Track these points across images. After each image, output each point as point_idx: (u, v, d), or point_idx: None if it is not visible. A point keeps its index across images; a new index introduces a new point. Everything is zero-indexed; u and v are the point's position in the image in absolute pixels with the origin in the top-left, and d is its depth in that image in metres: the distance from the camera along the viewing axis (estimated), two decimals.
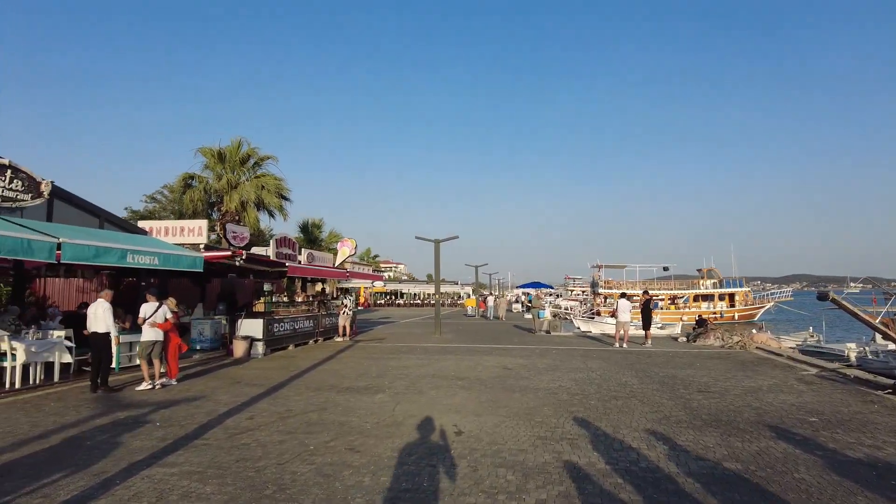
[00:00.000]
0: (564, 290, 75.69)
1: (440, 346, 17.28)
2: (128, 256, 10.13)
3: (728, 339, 17.96)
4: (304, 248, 20.83)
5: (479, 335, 22.01)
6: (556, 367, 12.60)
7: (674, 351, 16.28)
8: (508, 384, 10.18)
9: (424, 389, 9.61)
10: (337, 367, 12.68)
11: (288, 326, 16.43)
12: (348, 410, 7.97)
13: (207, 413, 7.80)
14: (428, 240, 22.06)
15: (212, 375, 11.43)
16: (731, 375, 11.34)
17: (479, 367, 12.40)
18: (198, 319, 15.75)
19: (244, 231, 16.67)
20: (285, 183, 27.14)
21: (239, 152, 26.31)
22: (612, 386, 10.12)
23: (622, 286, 52.00)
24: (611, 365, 13.01)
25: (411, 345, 17.90)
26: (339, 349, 16.45)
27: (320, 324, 18.81)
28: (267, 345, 15.05)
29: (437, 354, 15.05)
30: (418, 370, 12.00)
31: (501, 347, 17.06)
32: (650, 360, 14.08)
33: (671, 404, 8.45)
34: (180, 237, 14.72)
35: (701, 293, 49.81)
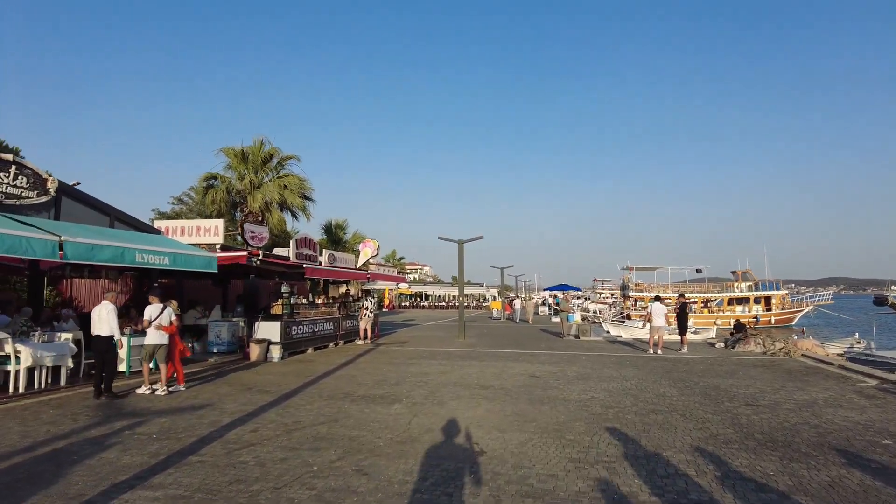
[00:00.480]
0: (593, 292, 74.28)
1: (464, 351, 16.57)
2: (136, 256, 9.72)
3: (770, 346, 16.85)
4: (326, 249, 20.37)
5: (505, 339, 21.25)
6: (588, 375, 11.79)
7: (712, 358, 15.29)
8: (536, 395, 9.43)
9: (445, 400, 8.93)
10: (354, 372, 12.08)
11: (306, 329, 15.92)
12: (361, 423, 7.33)
13: (210, 424, 7.24)
14: (451, 240, 21.40)
15: (223, 381, 10.93)
16: (780, 386, 10.38)
17: (505, 375, 11.66)
18: (215, 322, 15.35)
19: (263, 231, 16.22)
20: (308, 183, 26.83)
21: (261, 152, 26.05)
22: (649, 397, 9.29)
23: (653, 289, 50.57)
24: (646, 373, 12.15)
25: (434, 349, 17.24)
26: (359, 353, 15.88)
27: (341, 326, 18.29)
28: (284, 348, 14.56)
29: (460, 360, 14.35)
30: (439, 377, 11.32)
31: (528, 353, 16.28)
32: (688, 367, 13.15)
33: (717, 420, 7.61)
34: (196, 237, 14.31)
35: (735, 296, 48.07)
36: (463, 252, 21.01)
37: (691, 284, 52.41)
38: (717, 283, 51.23)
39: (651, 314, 17.22)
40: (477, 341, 20.12)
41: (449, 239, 21.46)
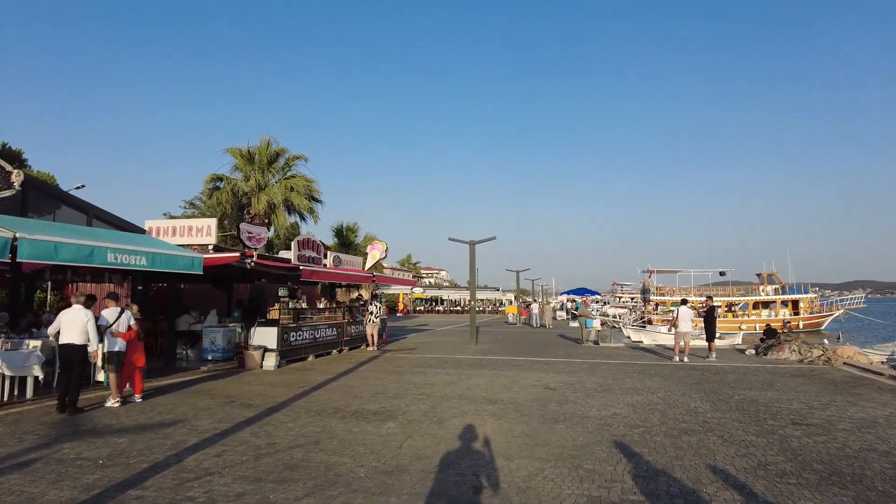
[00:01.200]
0: (612, 296, 72.60)
1: (474, 359, 15.51)
2: (108, 255, 8.84)
3: (807, 353, 15.52)
4: (331, 252, 19.48)
5: (519, 346, 20.13)
6: (608, 386, 10.66)
7: (744, 366, 14.03)
8: (550, 411, 8.34)
9: (446, 417, 7.88)
10: (353, 382, 11.09)
11: (307, 335, 14.98)
12: (344, 446, 6.33)
13: (172, 446, 6.29)
14: (462, 241, 20.38)
15: (208, 392, 10.00)
16: (828, 401, 9.16)
17: (516, 387, 10.58)
18: (210, 328, 14.49)
19: (261, 232, 15.37)
20: (316, 185, 26.01)
21: (267, 152, 25.30)
22: (679, 414, 8.16)
23: (675, 292, 49.01)
24: (673, 384, 10.98)
25: (442, 356, 16.21)
26: (362, 361, 14.90)
27: (346, 332, 17.34)
28: (281, 355, 13.64)
29: (469, 369, 13.29)
30: (444, 389, 10.28)
31: (543, 361, 15.16)
32: (719, 377, 11.95)
33: (762, 443, 6.46)
34: (188, 237, 13.49)
35: (761, 300, 46.30)
36: (475, 253, 19.97)
37: (714, 288, 50.70)
38: (741, 287, 49.48)
39: (677, 318, 15.98)
40: (489, 348, 19.04)
41: (460, 240, 20.45)
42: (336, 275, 15.48)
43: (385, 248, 22.13)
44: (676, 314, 16.11)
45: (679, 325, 15.86)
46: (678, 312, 16.04)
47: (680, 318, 15.90)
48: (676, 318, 16.02)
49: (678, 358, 15.36)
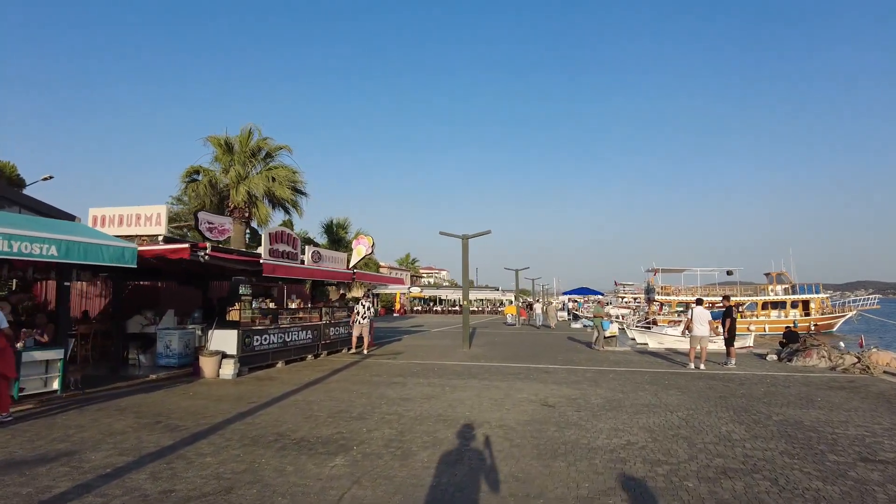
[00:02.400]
0: (615, 296, 70.81)
1: (463, 366, 13.79)
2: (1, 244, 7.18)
3: (838, 359, 13.81)
4: (311, 247, 17.81)
5: (516, 350, 18.40)
6: (618, 402, 8.95)
7: (769, 375, 12.31)
8: (547, 439, 6.63)
9: (413, 449, 6.17)
10: (315, 397, 9.39)
11: (274, 339, 13.28)
12: (263, 497, 4.63)
13: (24, 499, 4.60)
14: (455, 235, 18.68)
15: (135, 407, 8.30)
16: (892, 424, 7.45)
17: (508, 403, 8.87)
18: (165, 330, 12.81)
19: (224, 222, 13.70)
20: (301, 176, 24.26)
21: (249, 142, 23.57)
22: (709, 442, 6.45)
23: (680, 292, 47.28)
24: (694, 399, 9.27)
25: (429, 362, 14.50)
26: (337, 368, 13.20)
27: (324, 335, 15.64)
28: (242, 362, 11.95)
29: (456, 378, 11.58)
30: (420, 407, 8.57)
31: (542, 369, 13.44)
32: (745, 390, 10.24)
33: (836, 494, 4.76)
34: (135, 227, 11.81)
35: (770, 300, 44.50)
36: (468, 248, 18.27)
37: (720, 287, 48.90)
38: (748, 286, 47.71)
39: (692, 320, 14.24)
40: (484, 352, 17.32)
41: (452, 234, 18.75)
42: (308, 271, 13.73)
43: (371, 244, 20.38)
44: (691, 316, 14.37)
45: (694, 328, 14.13)
46: (693, 314, 14.30)
47: (695, 320, 14.16)
48: (691, 319, 14.29)
49: (693, 365, 13.65)
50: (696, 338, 13.97)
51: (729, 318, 14.80)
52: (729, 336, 14.62)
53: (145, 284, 18.53)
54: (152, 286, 18.48)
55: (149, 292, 18.23)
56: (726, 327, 14.70)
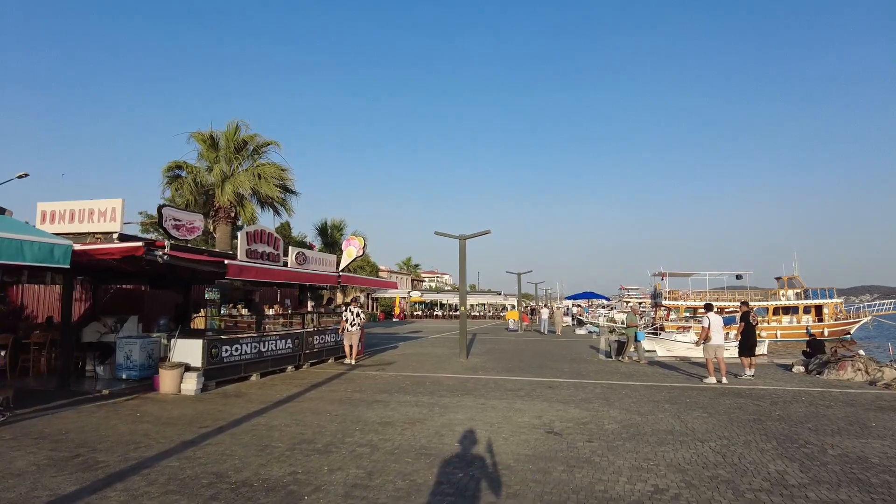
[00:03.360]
0: (619, 301, 69.24)
1: (459, 380, 12.42)
2: None
3: (877, 373, 12.41)
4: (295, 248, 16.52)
5: (519, 359, 17.01)
6: (637, 428, 7.56)
7: (803, 391, 10.90)
8: (553, 483, 5.24)
9: (380, 499, 4.80)
10: (279, 420, 8.03)
11: (248, 349, 11.92)
12: None
13: None
14: (452, 236, 17.34)
15: (56, 433, 6.93)
16: None
17: (506, 429, 7.49)
18: (126, 338, 11.48)
19: (194, 219, 12.35)
20: (290, 173, 22.95)
21: (235, 137, 22.29)
22: (760, 488, 5.07)
23: (689, 297, 45.81)
24: (724, 423, 7.89)
25: (421, 375, 13.13)
26: (317, 382, 11.85)
27: (307, 344, 14.28)
28: (207, 376, 10.61)
29: (449, 395, 10.20)
30: (401, 435, 7.19)
31: (546, 383, 12.06)
32: (781, 410, 8.85)
33: None
34: (88, 224, 10.50)
35: (781, 305, 43.01)
36: (465, 250, 16.91)
37: (729, 292, 47.40)
38: (758, 291, 46.23)
39: (710, 329, 12.86)
40: (482, 362, 15.94)
41: (448, 234, 17.40)
42: (286, 273, 12.34)
43: (363, 244, 19.06)
44: (709, 324, 13.00)
45: (712, 337, 12.77)
46: (710, 321, 12.95)
47: (713, 328, 12.81)
48: (709, 328, 12.91)
49: (714, 379, 12.26)
50: (712, 347, 12.64)
51: (743, 322, 13.37)
52: (745, 344, 13.23)
53: (127, 289, 17.24)
54: (136, 290, 17.17)
55: (132, 297, 16.93)
56: (739, 331, 13.29)
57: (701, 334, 13.34)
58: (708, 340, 12.88)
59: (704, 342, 12.97)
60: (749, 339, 13.33)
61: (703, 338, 13.07)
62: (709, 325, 12.95)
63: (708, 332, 12.91)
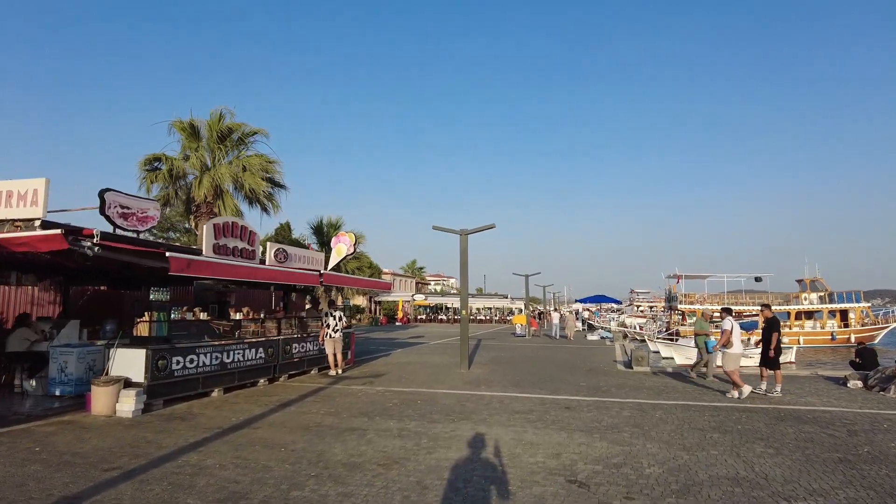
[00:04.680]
0: (630, 304, 67.17)
1: (457, 397, 10.51)
2: None
3: None
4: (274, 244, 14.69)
5: (527, 370, 15.07)
6: (688, 473, 5.61)
7: (882, 416, 8.90)
8: None
9: None
10: (215, 458, 6.14)
11: (207, 360, 10.05)
12: None
13: None
14: (452, 231, 15.44)
15: None
16: None
17: (513, 478, 5.56)
18: (60, 348, 9.65)
19: (148, 207, 10.52)
20: (278, 165, 21.11)
21: (219, 126, 20.50)
22: None
23: (705, 300, 43.61)
24: (802, 464, 5.94)
25: (413, 390, 11.23)
26: (287, 400, 9.97)
27: (284, 354, 12.43)
28: (153, 393, 8.78)
29: (441, 421, 8.28)
30: (367, 489, 5.27)
31: (561, 402, 10.13)
32: (867, 445, 6.88)
33: None
34: (5, 209, 8.69)
35: (804, 309, 40.77)
36: (467, 246, 15.01)
37: (748, 295, 45.23)
38: (779, 294, 43.99)
39: (732, 335, 11.17)
40: (486, 375, 14.01)
41: (448, 229, 15.50)
42: (250, 270, 10.38)
43: (354, 242, 17.21)
44: (731, 329, 11.27)
45: (734, 345, 11.17)
46: (733, 327, 11.28)
47: (735, 334, 11.24)
48: (731, 333, 11.22)
49: (737, 393, 10.58)
50: (735, 357, 11.04)
51: (776, 332, 11.37)
52: (776, 355, 11.29)
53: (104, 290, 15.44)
54: (115, 293, 15.38)
55: (110, 300, 15.16)
56: (773, 345, 11.30)
57: (722, 339, 11.42)
58: (729, 346, 11.12)
59: (724, 348, 11.21)
60: (778, 348, 11.47)
61: (724, 343, 11.23)
62: (731, 331, 11.18)
63: (728, 337, 11.14)
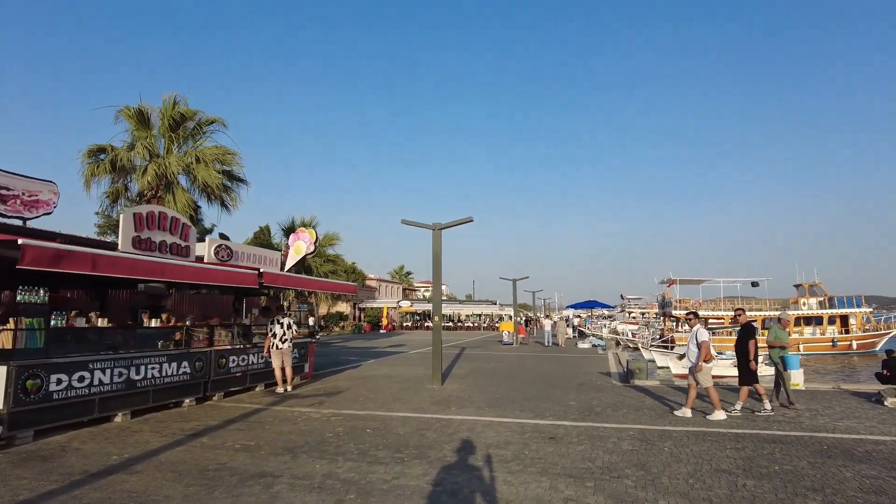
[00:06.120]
0: (622, 311, 65.34)
1: (418, 423, 8.56)
2: None
3: None
4: (220, 240, 12.78)
5: (509, 384, 13.15)
6: None
7: None
8: None
9: None
10: None
11: (105, 377, 8.05)
12: None
13: None
14: (424, 226, 13.51)
15: None
16: None
17: None
18: None
19: (38, 189, 8.53)
20: (238, 158, 19.13)
21: (172, 113, 18.50)
22: None
23: (700, 306, 41.96)
24: None
25: (368, 413, 9.26)
26: (208, 426, 7.98)
27: (219, 367, 10.44)
28: (17, 422, 6.78)
29: (386, 462, 6.33)
30: None
31: (545, 428, 8.22)
32: None
33: None
34: None
35: (803, 315, 39.14)
36: (440, 243, 13.09)
37: (743, 301, 43.57)
38: (777, 300, 42.43)
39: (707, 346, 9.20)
40: (461, 390, 12.08)
41: (419, 224, 13.57)
42: (149, 266, 8.20)
43: (314, 239, 15.27)
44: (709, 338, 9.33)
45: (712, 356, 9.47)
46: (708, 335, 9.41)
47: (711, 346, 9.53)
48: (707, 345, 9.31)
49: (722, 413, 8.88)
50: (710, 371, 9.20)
51: (752, 339, 9.56)
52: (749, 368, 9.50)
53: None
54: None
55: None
56: (751, 355, 9.47)
57: (703, 352, 9.30)
58: (710, 360, 9.18)
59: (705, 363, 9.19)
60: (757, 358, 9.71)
61: (707, 357, 9.19)
62: (707, 341, 9.23)
63: (708, 351, 9.18)
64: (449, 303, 66.25)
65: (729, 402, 9.82)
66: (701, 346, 9.17)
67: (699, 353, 9.14)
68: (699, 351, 9.15)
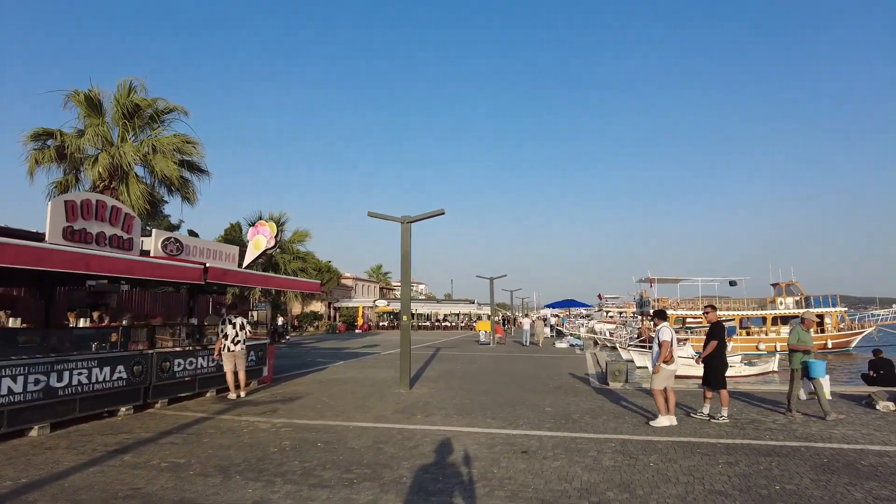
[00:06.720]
0: (599, 310, 65.14)
1: (377, 434, 7.70)
2: None
3: None
4: (159, 230, 11.78)
5: (483, 388, 12.36)
6: None
7: None
8: None
9: None
10: None
11: (16, 386, 7.03)
12: None
13: None
14: (392, 218, 12.64)
15: None
16: None
17: None
18: None
19: None
20: (198, 147, 18.03)
21: (127, 100, 17.34)
22: None
23: (678, 305, 41.78)
24: None
25: (324, 423, 8.38)
26: (139, 439, 7.03)
27: (162, 371, 9.45)
28: None
29: (332, 484, 5.46)
30: None
31: (518, 440, 7.43)
32: None
33: None
34: None
35: (780, 314, 39.11)
36: (409, 237, 12.23)
37: (720, 300, 43.47)
38: (754, 299, 42.41)
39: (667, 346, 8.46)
40: (431, 394, 11.25)
41: (386, 216, 12.69)
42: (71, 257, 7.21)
43: (275, 233, 14.34)
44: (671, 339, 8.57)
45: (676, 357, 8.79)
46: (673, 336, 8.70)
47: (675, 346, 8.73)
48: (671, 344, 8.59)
49: (668, 420, 8.25)
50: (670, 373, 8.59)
51: (716, 340, 8.90)
52: (720, 369, 8.84)
53: None
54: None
55: None
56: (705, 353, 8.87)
57: (664, 352, 8.41)
58: (670, 363, 8.47)
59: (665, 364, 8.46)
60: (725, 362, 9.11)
61: (667, 358, 8.48)
62: (671, 340, 8.51)
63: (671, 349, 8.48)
64: (427, 302, 65.39)
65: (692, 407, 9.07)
66: (661, 346, 8.47)
67: (659, 352, 8.47)
68: (660, 350, 8.48)
